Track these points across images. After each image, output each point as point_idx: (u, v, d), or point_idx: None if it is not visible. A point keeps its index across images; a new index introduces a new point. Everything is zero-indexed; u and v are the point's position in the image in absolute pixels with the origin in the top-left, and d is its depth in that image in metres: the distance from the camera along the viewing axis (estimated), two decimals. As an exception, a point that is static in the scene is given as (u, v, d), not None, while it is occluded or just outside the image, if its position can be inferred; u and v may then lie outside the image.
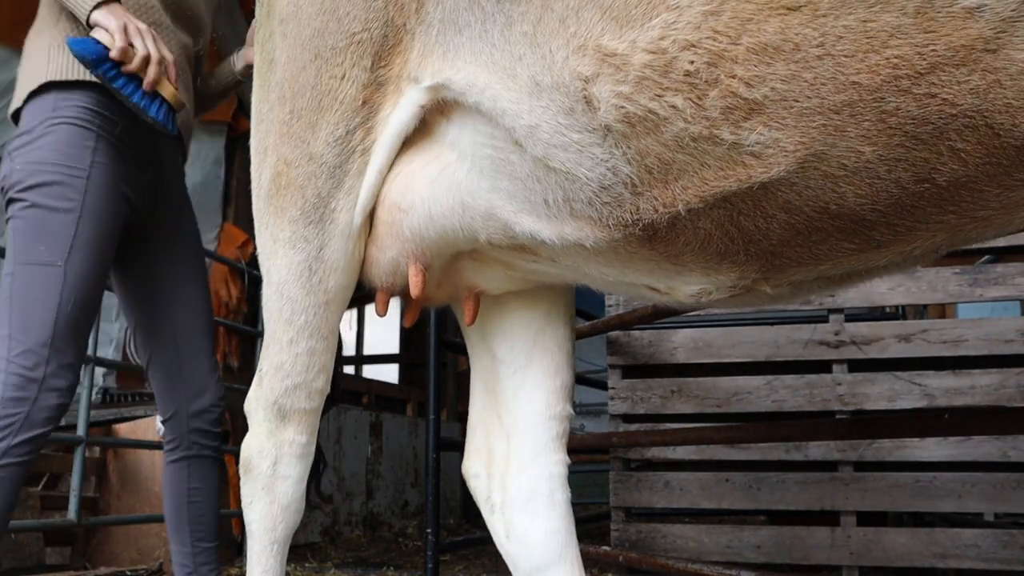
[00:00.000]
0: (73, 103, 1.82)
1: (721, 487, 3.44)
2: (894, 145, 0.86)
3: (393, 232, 1.39)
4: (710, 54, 0.89)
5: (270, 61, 1.47)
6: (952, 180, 0.87)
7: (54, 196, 1.76)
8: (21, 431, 1.65)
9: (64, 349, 1.72)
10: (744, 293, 1.13)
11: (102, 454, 4.15)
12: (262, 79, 1.50)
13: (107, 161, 1.84)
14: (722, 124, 0.91)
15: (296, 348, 1.44)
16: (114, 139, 1.87)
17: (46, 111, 1.82)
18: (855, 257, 1.03)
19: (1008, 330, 3.16)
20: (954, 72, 0.80)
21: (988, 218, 0.92)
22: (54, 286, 1.72)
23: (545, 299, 1.54)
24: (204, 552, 2.10)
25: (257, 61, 1.54)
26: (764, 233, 1.01)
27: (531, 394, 1.52)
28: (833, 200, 0.93)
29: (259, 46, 1.53)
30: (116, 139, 1.87)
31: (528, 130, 1.07)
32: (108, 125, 1.86)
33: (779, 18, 0.85)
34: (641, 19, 0.93)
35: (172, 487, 2.10)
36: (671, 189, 1.00)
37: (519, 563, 1.50)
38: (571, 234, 1.14)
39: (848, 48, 0.83)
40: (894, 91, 0.82)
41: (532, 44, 1.05)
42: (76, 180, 1.78)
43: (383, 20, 1.30)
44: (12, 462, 1.65)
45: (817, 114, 0.87)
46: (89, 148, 1.81)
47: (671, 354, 3.56)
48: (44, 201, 1.75)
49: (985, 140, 0.82)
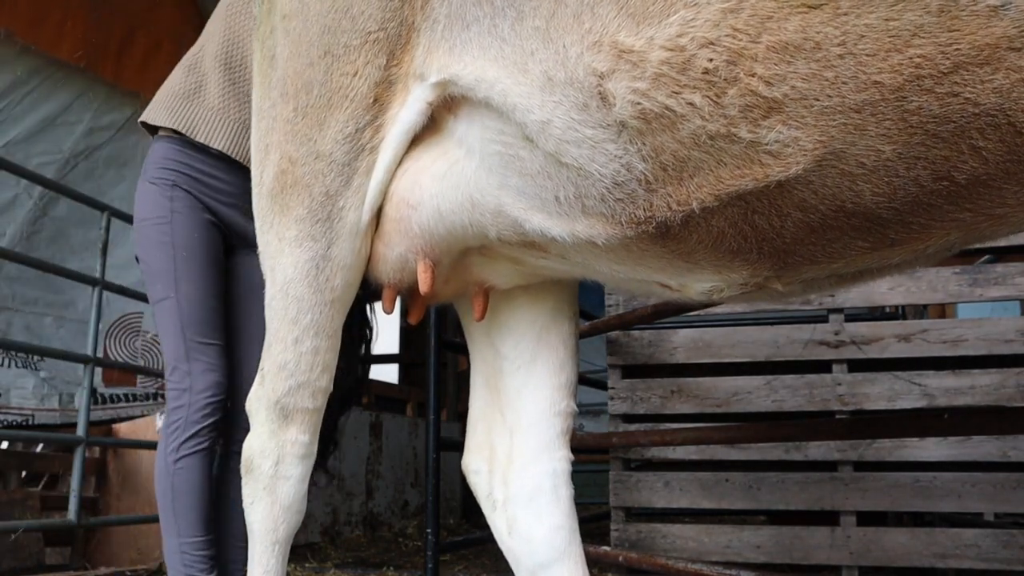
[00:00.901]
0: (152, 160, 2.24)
1: (721, 487, 3.43)
2: (914, 144, 0.85)
3: (401, 229, 1.39)
4: (729, 52, 0.88)
5: (271, 57, 1.45)
6: (972, 178, 0.87)
7: (151, 244, 2.18)
8: (186, 429, 2.13)
9: (197, 359, 2.15)
10: (755, 290, 1.13)
11: (102, 454, 4.14)
12: (263, 75, 1.49)
13: (184, 199, 2.19)
14: (740, 122, 0.91)
15: (301, 347, 1.43)
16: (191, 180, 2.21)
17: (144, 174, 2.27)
18: (869, 255, 1.02)
19: (1008, 330, 3.16)
20: (977, 71, 0.79)
21: (1005, 216, 0.92)
22: (174, 314, 2.16)
23: (551, 295, 1.53)
24: (236, 549, 2.23)
25: (257, 57, 1.52)
26: (778, 231, 1.01)
27: (535, 390, 1.51)
28: (850, 198, 0.92)
29: (259, 42, 1.51)
30: (192, 179, 2.21)
31: (540, 126, 1.06)
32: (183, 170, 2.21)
33: (800, 16, 0.84)
34: (659, 16, 0.93)
35: (225, 479, 2.27)
36: (686, 187, 1.00)
37: (522, 560, 1.49)
38: (582, 231, 1.13)
39: (870, 47, 0.82)
40: (916, 90, 0.82)
41: (545, 39, 1.04)
42: (163, 225, 2.17)
43: (399, 19, 1.29)
44: (188, 452, 2.13)
45: (837, 113, 0.86)
46: (167, 197, 2.18)
47: (671, 354, 3.56)
48: (146, 250, 2.20)
49: (1007, 138, 0.82)
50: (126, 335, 4.09)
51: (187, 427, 2.13)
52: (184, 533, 2.11)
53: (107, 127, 3.92)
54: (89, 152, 3.83)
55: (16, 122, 3.56)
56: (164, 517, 2.14)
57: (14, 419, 3.59)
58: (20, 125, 3.58)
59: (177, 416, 2.14)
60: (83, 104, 3.78)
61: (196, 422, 2.13)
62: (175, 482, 2.12)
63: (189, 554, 2.11)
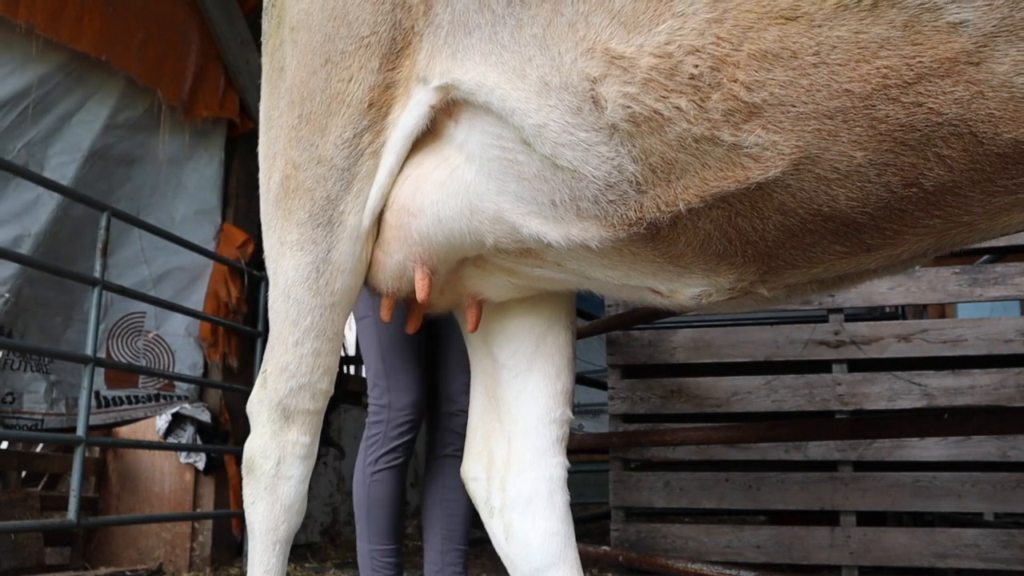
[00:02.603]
0: None
1: (721, 487, 3.44)
2: (884, 150, 0.90)
3: (401, 236, 1.40)
4: (713, 59, 0.93)
5: (280, 69, 1.48)
6: (939, 185, 0.91)
7: None
8: (383, 444, 2.26)
9: (396, 376, 2.25)
10: (742, 296, 1.17)
11: (102, 454, 4.15)
12: (271, 86, 1.52)
13: None
14: (723, 126, 0.95)
15: (302, 349, 1.45)
16: None
17: None
18: (846, 260, 1.07)
19: (1008, 330, 3.17)
20: (939, 83, 0.84)
21: (972, 223, 0.96)
22: (373, 334, 2.28)
23: (548, 305, 1.56)
24: (452, 552, 2.27)
25: (266, 70, 1.55)
26: (760, 234, 1.05)
27: (532, 398, 1.53)
28: (826, 202, 0.97)
29: (268, 56, 1.54)
30: None
31: (536, 129, 1.10)
32: None
33: (778, 27, 0.89)
34: (648, 25, 0.97)
35: (428, 485, 2.36)
36: (673, 188, 1.04)
37: (518, 565, 1.50)
38: (577, 235, 1.16)
39: (841, 57, 0.87)
40: (884, 99, 0.87)
41: (542, 46, 1.09)
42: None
43: (391, 23, 1.32)
44: (384, 467, 2.26)
45: (812, 119, 0.90)
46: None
47: (671, 354, 3.57)
48: None
49: (970, 147, 0.86)
50: (129, 335, 4.09)
51: (384, 442, 2.26)
52: (373, 540, 2.27)
53: (122, 125, 3.89)
54: (105, 151, 3.81)
55: (37, 120, 3.54)
56: (359, 522, 2.31)
57: (25, 423, 3.59)
58: (41, 123, 3.55)
59: (376, 431, 2.27)
60: (100, 101, 3.76)
61: (393, 439, 2.25)
62: (370, 492, 2.27)
63: (377, 560, 2.26)
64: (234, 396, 4.20)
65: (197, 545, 4.05)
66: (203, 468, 4.04)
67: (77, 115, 3.72)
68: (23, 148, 3.48)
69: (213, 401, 4.27)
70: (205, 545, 4.04)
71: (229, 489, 4.12)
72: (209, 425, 4.08)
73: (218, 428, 4.15)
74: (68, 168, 3.68)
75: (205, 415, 4.11)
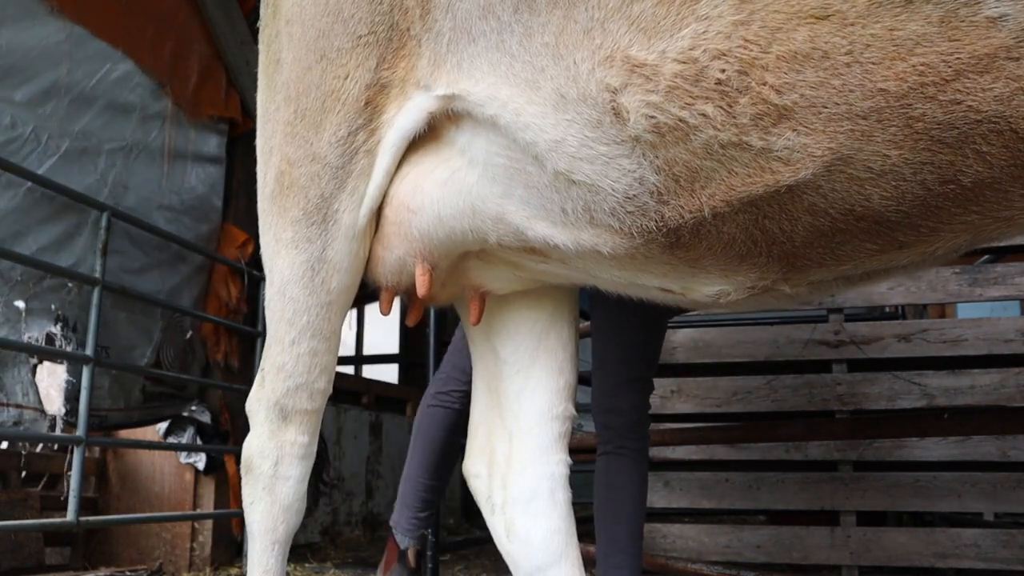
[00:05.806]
0: None
1: (721, 487, 3.44)
2: (920, 149, 0.87)
3: (401, 232, 1.39)
4: (741, 62, 0.90)
5: (276, 61, 1.46)
6: (977, 181, 0.89)
7: None
8: (446, 383, 2.42)
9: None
10: (762, 293, 1.14)
11: (102, 454, 4.14)
12: (268, 79, 1.50)
13: None
14: (751, 130, 0.92)
15: (298, 349, 1.44)
16: None
17: None
18: (877, 257, 1.04)
19: (1008, 330, 3.16)
20: (978, 79, 0.81)
21: (1011, 218, 0.94)
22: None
23: (550, 300, 1.54)
24: (617, 556, 2.11)
25: (263, 60, 1.53)
26: (788, 235, 1.02)
27: (534, 394, 1.52)
28: (858, 202, 0.94)
29: (265, 45, 1.52)
30: None
31: (552, 144, 1.06)
32: None
33: (808, 27, 0.87)
34: (670, 29, 0.94)
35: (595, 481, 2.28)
36: (697, 196, 1.01)
37: (520, 563, 1.50)
38: (588, 240, 1.14)
39: (876, 56, 0.84)
40: (920, 97, 0.84)
41: (555, 56, 1.05)
42: None
43: (388, 24, 1.30)
44: (437, 404, 2.42)
45: (845, 119, 0.88)
46: None
47: (671, 354, 3.56)
48: None
49: (1010, 144, 0.84)
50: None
51: (448, 382, 2.41)
52: (414, 467, 2.42)
53: (155, 116, 3.85)
54: (143, 144, 3.77)
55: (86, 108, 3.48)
56: (411, 446, 2.47)
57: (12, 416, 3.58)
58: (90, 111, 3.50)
59: (445, 371, 2.45)
60: (132, 91, 3.71)
61: (456, 379, 2.40)
62: (421, 422, 2.45)
63: (410, 484, 2.42)
64: (234, 396, 4.19)
65: (197, 545, 4.04)
66: (203, 468, 4.04)
67: (119, 105, 3.67)
68: (77, 138, 3.41)
69: (213, 401, 4.27)
70: (205, 545, 4.04)
71: (229, 489, 4.12)
72: (209, 425, 4.08)
73: (218, 428, 4.15)
74: (115, 155, 3.63)
75: (205, 415, 4.11)
